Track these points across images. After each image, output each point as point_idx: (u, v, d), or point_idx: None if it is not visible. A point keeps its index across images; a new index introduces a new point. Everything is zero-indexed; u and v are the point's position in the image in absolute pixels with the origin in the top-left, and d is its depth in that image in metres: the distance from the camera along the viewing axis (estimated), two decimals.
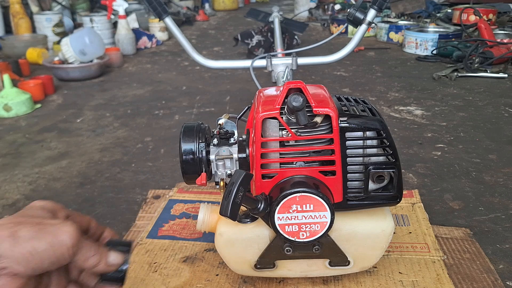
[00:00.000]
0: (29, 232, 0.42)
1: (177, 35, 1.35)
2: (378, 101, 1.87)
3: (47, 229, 0.42)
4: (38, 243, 0.41)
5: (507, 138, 1.46)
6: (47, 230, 0.42)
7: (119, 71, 2.59)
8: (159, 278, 0.77)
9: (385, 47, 3.02)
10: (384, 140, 0.63)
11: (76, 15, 3.67)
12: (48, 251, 0.42)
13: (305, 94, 0.60)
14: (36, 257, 0.41)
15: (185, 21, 4.34)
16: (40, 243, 0.41)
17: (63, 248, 0.42)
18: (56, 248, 0.42)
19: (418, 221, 0.90)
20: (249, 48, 2.75)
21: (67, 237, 0.43)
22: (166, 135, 1.57)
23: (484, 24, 2.58)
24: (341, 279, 0.74)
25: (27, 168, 1.35)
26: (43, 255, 0.41)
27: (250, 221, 0.67)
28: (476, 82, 2.13)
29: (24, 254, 0.41)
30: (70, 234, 0.43)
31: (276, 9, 2.46)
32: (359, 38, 1.30)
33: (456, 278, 0.74)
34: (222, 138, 0.65)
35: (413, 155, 1.33)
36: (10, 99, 1.81)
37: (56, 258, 0.42)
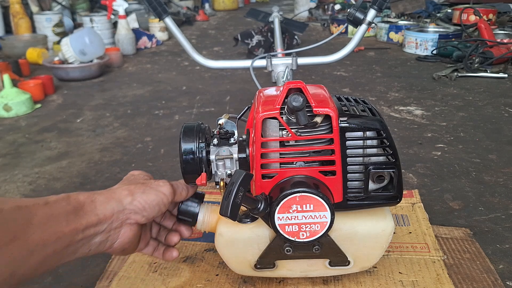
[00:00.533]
0: (140, 189, 0.58)
1: (177, 35, 1.35)
2: (378, 101, 1.88)
3: (151, 186, 0.60)
4: (148, 196, 0.58)
5: (507, 138, 1.46)
6: (152, 186, 0.60)
7: (119, 71, 2.59)
8: (159, 278, 0.77)
9: (385, 47, 3.02)
10: (384, 140, 0.63)
11: (76, 15, 3.67)
12: (156, 202, 0.59)
13: (305, 94, 0.60)
14: (148, 206, 0.58)
15: (185, 21, 4.34)
16: (149, 196, 0.58)
17: (165, 197, 0.60)
18: (160, 197, 0.59)
19: (418, 221, 0.90)
20: (249, 48, 2.75)
21: (166, 189, 0.61)
22: (166, 135, 1.57)
23: (484, 24, 2.58)
24: (341, 279, 0.74)
25: (27, 168, 1.35)
26: (152, 203, 0.58)
27: (250, 221, 0.67)
28: (476, 82, 2.13)
29: (140, 204, 0.57)
30: (167, 187, 0.61)
31: (276, 9, 2.46)
32: (359, 38, 1.30)
33: (456, 278, 0.74)
34: (222, 138, 0.65)
35: (413, 155, 1.34)
36: (10, 99, 1.81)
37: (163, 205, 0.60)
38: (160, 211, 0.60)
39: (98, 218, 0.53)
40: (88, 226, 0.52)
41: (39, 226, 0.47)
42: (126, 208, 0.56)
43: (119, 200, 0.56)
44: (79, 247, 0.52)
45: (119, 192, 0.57)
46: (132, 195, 0.57)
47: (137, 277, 0.77)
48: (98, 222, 0.53)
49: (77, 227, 0.50)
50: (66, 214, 0.50)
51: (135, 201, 0.57)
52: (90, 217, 0.52)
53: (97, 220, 0.53)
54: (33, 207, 0.47)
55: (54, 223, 0.48)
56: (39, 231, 0.46)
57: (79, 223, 0.51)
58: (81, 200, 0.53)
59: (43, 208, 0.48)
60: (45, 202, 0.49)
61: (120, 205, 0.56)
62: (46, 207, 0.49)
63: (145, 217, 0.58)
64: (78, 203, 0.52)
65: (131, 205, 0.56)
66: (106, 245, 0.56)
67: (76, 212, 0.51)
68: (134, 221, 0.57)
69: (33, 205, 0.48)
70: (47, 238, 0.47)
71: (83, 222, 0.51)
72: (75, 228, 0.50)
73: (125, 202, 0.56)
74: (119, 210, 0.55)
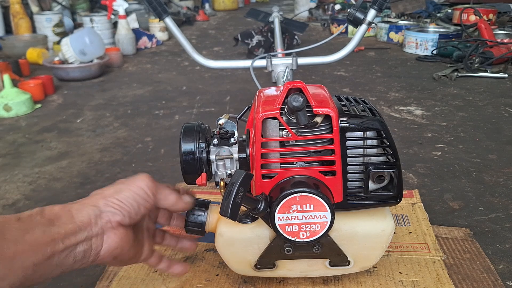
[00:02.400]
0: (112, 190, 0.55)
1: (177, 35, 1.35)
2: (378, 101, 1.87)
3: (126, 183, 0.56)
4: (122, 193, 0.55)
5: (507, 138, 1.46)
6: (127, 183, 0.56)
7: (119, 71, 2.59)
8: (159, 278, 0.77)
9: (385, 47, 3.02)
10: (384, 140, 0.63)
11: (76, 15, 3.67)
12: (132, 196, 0.55)
13: (305, 94, 0.60)
14: (126, 203, 0.54)
15: (185, 21, 4.34)
16: (123, 193, 0.55)
17: (143, 191, 0.56)
18: (138, 192, 0.55)
19: (418, 221, 0.90)
20: (249, 48, 2.75)
21: (143, 183, 0.56)
22: (166, 135, 1.57)
23: (484, 24, 2.58)
24: (341, 279, 0.74)
25: (27, 168, 1.35)
26: (130, 200, 0.54)
27: (250, 221, 0.67)
28: (476, 82, 2.13)
29: (115, 204, 0.54)
30: (144, 180, 0.56)
31: (276, 9, 2.46)
32: (359, 38, 1.30)
33: (456, 278, 0.74)
34: (222, 138, 0.65)
35: (413, 155, 1.34)
36: (10, 99, 1.81)
37: (141, 199, 0.55)
38: (141, 206, 0.56)
39: (76, 226, 0.51)
40: (67, 234, 0.49)
41: (13, 240, 0.45)
42: (103, 211, 0.53)
43: (94, 205, 0.54)
44: (62, 258, 0.50)
45: (93, 197, 0.55)
46: (105, 198, 0.54)
47: (137, 277, 0.77)
48: (77, 230, 0.51)
49: (55, 237, 0.48)
50: (41, 225, 0.48)
51: (109, 202, 0.54)
52: (68, 225, 0.50)
53: (75, 227, 0.51)
54: (4, 222, 0.46)
55: (29, 235, 0.46)
56: (13, 245, 0.45)
57: (57, 232, 0.49)
58: (56, 211, 0.51)
59: (15, 223, 0.47)
60: (18, 218, 0.48)
61: (95, 209, 0.53)
62: (18, 222, 0.47)
63: (126, 216, 0.55)
64: (53, 215, 0.50)
65: (107, 207, 0.54)
66: (91, 254, 0.53)
67: (52, 223, 0.49)
68: (116, 223, 0.54)
69: (4, 221, 0.46)
70: (23, 250, 0.45)
71: (61, 231, 0.49)
72: (53, 238, 0.48)
73: (99, 205, 0.54)
74: (95, 214, 0.53)
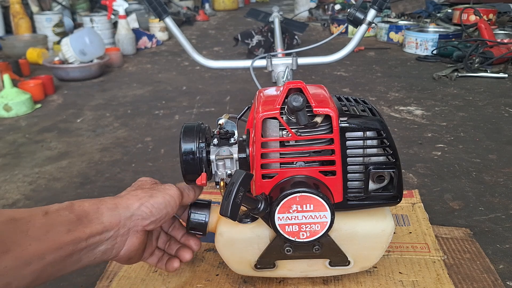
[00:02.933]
0: (147, 194, 0.58)
1: (177, 35, 1.35)
2: (378, 101, 1.87)
3: (158, 190, 0.60)
4: (155, 199, 0.58)
5: (507, 138, 1.46)
6: (159, 190, 0.59)
7: (119, 71, 2.59)
8: (159, 278, 0.77)
9: (385, 47, 3.02)
10: (384, 140, 0.63)
11: (76, 15, 3.67)
12: (163, 203, 0.58)
13: (305, 94, 0.60)
14: (157, 210, 0.57)
15: (185, 21, 4.34)
16: (157, 199, 0.58)
17: (172, 199, 0.60)
18: (168, 200, 0.59)
19: (418, 221, 0.90)
20: (249, 48, 2.75)
21: (173, 192, 0.60)
22: (166, 135, 1.57)
23: (484, 24, 2.58)
24: (341, 279, 0.74)
25: (27, 168, 1.35)
26: (160, 207, 0.58)
27: (250, 221, 0.67)
28: (476, 82, 2.13)
29: (148, 209, 0.57)
30: (174, 190, 0.61)
31: (276, 9, 2.46)
32: (359, 38, 1.30)
33: (456, 278, 0.74)
34: (222, 138, 0.65)
35: (413, 155, 1.33)
36: (10, 99, 1.81)
37: (170, 208, 0.59)
38: (168, 214, 0.59)
39: (103, 226, 0.52)
40: (92, 234, 0.51)
41: (36, 237, 0.46)
42: (134, 214, 0.56)
43: (127, 207, 0.55)
44: (82, 256, 0.51)
45: (127, 198, 0.57)
46: (140, 200, 0.57)
47: (137, 277, 0.77)
48: (104, 230, 0.52)
49: (80, 236, 0.50)
50: (67, 223, 0.49)
51: (142, 206, 0.56)
52: (95, 225, 0.52)
53: (102, 228, 0.52)
54: (30, 217, 0.47)
55: (53, 233, 0.48)
56: (35, 242, 0.46)
57: (82, 231, 0.50)
58: (86, 207, 0.52)
59: (41, 219, 0.48)
60: (45, 212, 0.49)
61: (127, 211, 0.55)
62: (44, 217, 0.48)
63: (153, 222, 0.58)
64: (82, 211, 0.51)
65: (139, 211, 0.56)
66: (112, 253, 0.55)
67: (79, 221, 0.50)
68: (141, 228, 0.57)
69: (30, 216, 0.47)
70: (44, 248, 0.46)
71: (87, 230, 0.51)
72: (77, 237, 0.49)
73: (132, 208, 0.56)
74: (126, 216, 0.55)
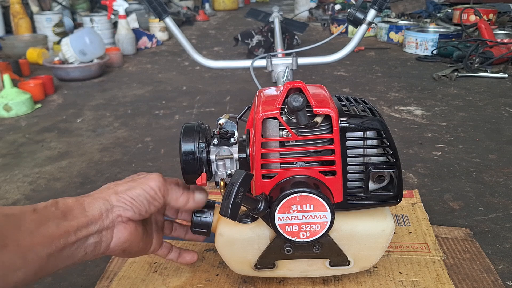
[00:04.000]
0: (125, 186, 0.57)
1: (177, 35, 1.35)
2: (378, 101, 1.88)
3: (139, 181, 0.58)
4: (134, 191, 0.57)
5: (507, 138, 1.46)
6: (139, 181, 0.58)
7: (119, 71, 2.59)
8: (159, 278, 0.77)
9: (385, 47, 3.02)
10: (385, 140, 0.63)
11: (76, 15, 3.67)
12: (143, 195, 0.57)
13: (305, 94, 0.60)
14: (137, 201, 0.56)
15: (185, 21, 4.34)
16: (136, 190, 0.57)
17: (153, 190, 0.57)
18: (148, 191, 0.57)
19: (418, 221, 0.90)
20: (249, 48, 2.75)
21: (154, 182, 0.58)
22: (166, 135, 1.57)
23: (484, 24, 2.58)
24: (341, 279, 0.74)
25: (27, 168, 1.35)
26: (141, 198, 0.57)
27: (250, 221, 0.67)
28: (476, 82, 2.13)
29: (127, 200, 0.56)
30: (156, 180, 0.58)
31: (276, 9, 2.46)
32: (359, 38, 1.30)
33: (456, 278, 0.74)
34: (222, 138, 0.65)
35: (413, 155, 1.34)
36: (10, 99, 1.81)
37: (151, 198, 0.57)
38: (151, 204, 0.58)
39: (88, 219, 0.53)
40: (79, 227, 0.52)
41: (29, 231, 0.47)
42: (114, 205, 0.56)
43: (105, 199, 0.56)
44: (74, 250, 0.52)
45: (105, 192, 0.57)
46: (117, 193, 0.57)
47: (137, 277, 0.77)
48: (89, 223, 0.53)
49: (68, 229, 0.51)
50: (55, 218, 0.51)
51: (120, 198, 0.56)
52: (80, 218, 0.53)
53: (87, 221, 0.53)
54: (21, 214, 0.48)
55: (44, 228, 0.49)
56: (29, 236, 0.47)
57: (70, 225, 0.51)
58: (69, 203, 0.53)
59: (31, 215, 0.49)
60: (33, 209, 0.50)
61: (106, 203, 0.56)
62: (34, 213, 0.49)
63: (137, 213, 0.57)
64: (66, 207, 0.53)
65: (118, 202, 0.56)
66: (102, 247, 0.56)
67: (65, 216, 0.52)
68: (126, 218, 0.57)
69: (21, 213, 0.48)
70: (38, 242, 0.48)
71: (74, 224, 0.52)
72: (66, 231, 0.51)
73: (111, 200, 0.56)
74: (106, 208, 0.55)
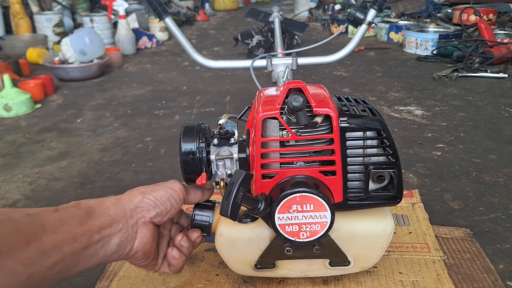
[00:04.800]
0: (149, 188, 0.60)
1: (177, 35, 1.35)
2: (378, 101, 1.88)
3: (161, 184, 0.62)
4: (157, 192, 0.60)
5: (507, 138, 1.46)
6: (163, 185, 0.62)
7: (119, 71, 2.59)
8: (159, 278, 0.77)
9: (385, 47, 3.02)
10: (385, 140, 0.63)
11: (76, 15, 3.67)
12: (166, 195, 0.60)
13: (305, 94, 0.60)
14: (160, 201, 0.59)
15: (185, 21, 4.34)
16: (160, 192, 0.60)
17: (176, 193, 0.61)
18: (171, 192, 0.61)
19: (418, 221, 0.90)
20: (249, 48, 2.75)
21: (176, 186, 0.62)
22: (166, 135, 1.57)
23: (484, 24, 2.58)
24: (341, 279, 0.74)
25: (27, 168, 1.35)
26: (164, 199, 0.60)
27: (251, 221, 0.67)
28: (476, 82, 2.13)
29: (151, 200, 0.59)
30: (178, 185, 0.62)
31: (276, 9, 2.46)
32: (359, 38, 1.30)
33: (456, 278, 0.74)
34: (222, 138, 0.65)
35: (413, 155, 1.34)
36: (10, 99, 1.81)
37: (174, 201, 0.61)
38: (172, 207, 0.61)
39: (111, 218, 0.54)
40: (102, 226, 0.53)
41: (52, 229, 0.48)
42: (138, 206, 0.58)
43: (130, 200, 0.58)
44: (98, 249, 0.53)
45: (129, 193, 0.59)
46: (142, 194, 0.59)
47: (137, 277, 0.77)
48: (113, 222, 0.54)
49: (91, 228, 0.52)
50: (78, 217, 0.51)
51: (145, 198, 0.58)
52: (103, 217, 0.54)
53: (110, 220, 0.54)
54: (44, 213, 0.49)
55: (67, 226, 0.50)
56: (52, 234, 0.47)
57: (93, 224, 0.52)
58: (91, 204, 0.54)
59: (53, 214, 0.50)
60: (55, 209, 0.51)
61: (131, 204, 0.57)
62: (56, 213, 0.50)
63: (159, 215, 0.59)
64: (88, 207, 0.53)
65: (142, 203, 0.58)
66: (126, 247, 0.56)
67: (88, 215, 0.52)
68: (148, 219, 0.58)
69: (43, 212, 0.49)
70: (61, 240, 0.48)
71: (97, 223, 0.52)
72: (89, 229, 0.51)
73: (135, 200, 0.58)
74: (131, 209, 0.57)
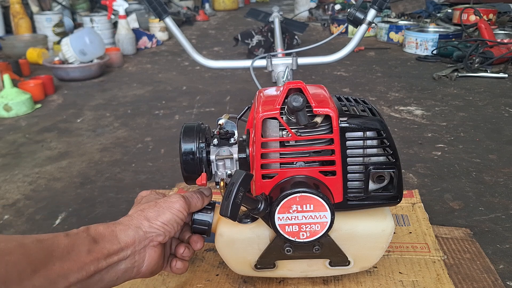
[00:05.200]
0: (153, 212, 0.59)
1: (177, 35, 1.35)
2: (378, 101, 1.87)
3: (164, 205, 0.61)
4: (165, 216, 0.59)
5: (507, 138, 1.46)
6: (164, 205, 0.61)
7: (119, 71, 2.59)
8: (159, 278, 0.77)
9: (385, 47, 3.02)
10: (384, 140, 0.63)
11: (76, 15, 3.67)
12: (173, 218, 0.60)
13: (305, 94, 0.60)
14: (169, 225, 0.59)
15: (185, 21, 4.34)
16: (166, 216, 0.59)
17: (180, 212, 0.61)
18: (177, 214, 0.60)
19: (418, 221, 0.90)
20: (249, 48, 2.75)
21: (179, 205, 0.61)
22: (166, 135, 1.57)
23: (484, 24, 2.58)
24: (341, 279, 0.74)
25: (27, 168, 1.35)
26: (171, 222, 0.60)
27: (250, 221, 0.67)
28: (476, 82, 2.13)
29: (159, 226, 0.59)
30: (180, 203, 0.61)
31: (276, 9, 2.46)
32: (359, 38, 1.30)
33: (456, 278, 0.74)
34: (222, 138, 0.65)
35: (413, 155, 1.33)
36: (10, 99, 1.81)
37: (180, 220, 0.61)
38: (178, 226, 0.61)
39: (120, 246, 0.55)
40: (110, 254, 0.54)
41: (60, 257, 0.49)
42: (147, 232, 0.58)
43: (138, 227, 0.58)
44: (104, 274, 0.53)
45: (136, 219, 0.59)
46: (149, 220, 0.59)
47: None
48: (120, 250, 0.55)
49: (99, 256, 0.52)
50: (87, 243, 0.52)
51: (153, 224, 0.58)
52: (112, 245, 0.54)
53: (119, 248, 0.55)
54: (54, 239, 0.50)
55: (75, 254, 0.50)
56: (60, 262, 0.48)
57: (101, 252, 0.53)
58: (100, 230, 0.55)
59: (63, 240, 0.50)
60: (66, 234, 0.52)
61: (139, 231, 0.57)
62: (66, 238, 0.51)
63: (167, 236, 0.60)
64: (98, 234, 0.54)
65: (151, 229, 0.58)
66: (133, 271, 0.57)
67: (97, 242, 0.53)
68: (157, 243, 0.59)
69: (54, 237, 0.50)
70: (68, 268, 0.49)
71: (105, 251, 0.53)
72: (97, 257, 0.52)
73: (143, 227, 0.58)
74: (139, 236, 0.57)
